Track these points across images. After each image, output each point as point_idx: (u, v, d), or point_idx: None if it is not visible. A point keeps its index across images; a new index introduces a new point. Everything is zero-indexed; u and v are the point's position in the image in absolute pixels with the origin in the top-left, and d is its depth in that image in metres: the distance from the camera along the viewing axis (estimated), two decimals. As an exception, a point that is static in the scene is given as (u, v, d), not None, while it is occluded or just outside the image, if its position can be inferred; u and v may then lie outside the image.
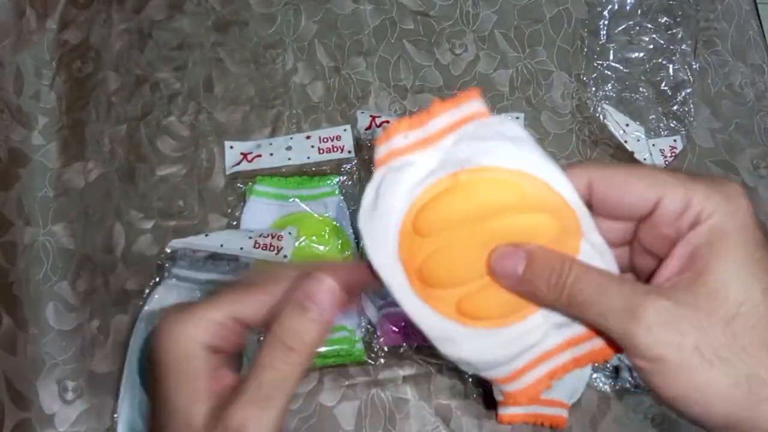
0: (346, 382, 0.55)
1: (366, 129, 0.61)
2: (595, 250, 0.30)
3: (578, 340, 0.32)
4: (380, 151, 0.30)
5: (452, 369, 0.55)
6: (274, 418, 0.28)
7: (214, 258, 0.55)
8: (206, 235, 0.55)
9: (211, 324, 0.29)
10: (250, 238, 0.54)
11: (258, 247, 0.54)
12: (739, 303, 0.26)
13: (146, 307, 0.53)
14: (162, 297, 0.53)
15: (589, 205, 0.30)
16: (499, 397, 0.33)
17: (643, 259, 0.31)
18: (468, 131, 0.30)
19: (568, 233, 0.30)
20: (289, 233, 0.55)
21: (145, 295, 0.54)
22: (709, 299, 0.26)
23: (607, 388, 0.55)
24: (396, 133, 0.30)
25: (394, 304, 0.49)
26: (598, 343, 0.32)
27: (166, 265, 0.54)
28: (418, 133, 0.30)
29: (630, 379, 0.54)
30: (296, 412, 0.54)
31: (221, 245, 0.54)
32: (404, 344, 0.53)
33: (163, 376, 0.28)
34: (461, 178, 0.30)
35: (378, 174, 0.30)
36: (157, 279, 0.55)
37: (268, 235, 0.55)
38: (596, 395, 0.55)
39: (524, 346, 0.32)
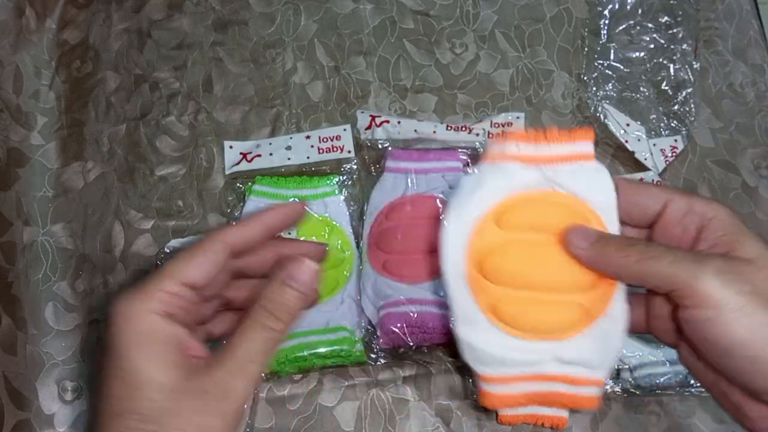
0: (346, 383, 0.55)
1: (366, 128, 0.61)
2: None
3: (574, 381, 0.36)
4: (493, 149, 0.37)
5: (452, 370, 0.55)
6: (246, 386, 0.31)
7: None
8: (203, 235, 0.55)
9: (163, 294, 0.31)
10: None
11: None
12: None
13: None
14: None
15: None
16: (476, 388, 0.38)
17: None
18: (569, 167, 0.36)
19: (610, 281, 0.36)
20: (288, 234, 0.55)
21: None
22: (751, 259, 0.31)
23: (607, 388, 0.55)
24: (513, 140, 0.36)
25: (394, 304, 0.51)
26: (588, 391, 0.36)
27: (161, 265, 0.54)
28: (530, 149, 0.36)
29: (630, 380, 0.54)
30: (296, 413, 0.54)
31: None
32: (403, 345, 0.52)
33: (127, 352, 0.30)
34: (552, 196, 0.36)
35: (485, 167, 0.37)
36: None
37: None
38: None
39: (526, 361, 0.36)
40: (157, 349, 0.31)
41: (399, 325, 0.51)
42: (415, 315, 0.50)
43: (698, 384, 0.53)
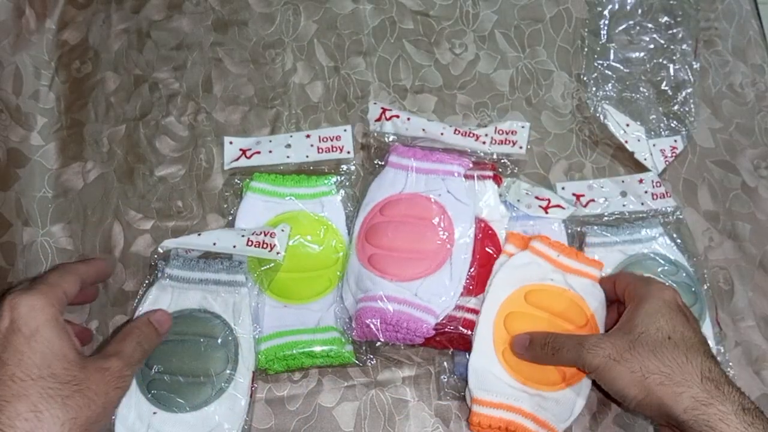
0: (346, 383, 0.55)
1: (375, 120, 0.61)
2: None
3: (542, 423, 0.50)
4: (539, 246, 0.54)
5: (452, 370, 0.55)
6: (129, 379, 0.44)
7: (208, 257, 0.55)
8: (199, 234, 0.55)
9: (57, 294, 0.43)
10: (243, 236, 0.54)
11: (251, 245, 0.54)
12: (639, 332, 0.46)
13: (141, 308, 0.52)
14: (156, 297, 0.53)
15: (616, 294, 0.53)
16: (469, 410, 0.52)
17: None
18: (583, 280, 0.54)
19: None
20: (282, 230, 0.55)
21: (139, 296, 0.54)
22: (627, 332, 0.46)
23: None
24: (555, 249, 0.54)
25: (372, 299, 0.52)
26: None
27: (160, 265, 0.54)
28: (564, 259, 0.54)
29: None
30: (296, 413, 0.54)
31: (214, 243, 0.54)
32: (375, 340, 0.52)
33: (41, 332, 0.40)
34: (565, 293, 0.54)
35: (529, 256, 0.54)
36: (150, 279, 0.55)
37: (261, 232, 0.55)
38: (597, 396, 0.55)
39: (515, 396, 0.51)
40: (62, 332, 0.41)
41: (374, 320, 0.50)
42: (392, 313, 0.50)
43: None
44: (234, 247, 0.54)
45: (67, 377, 0.39)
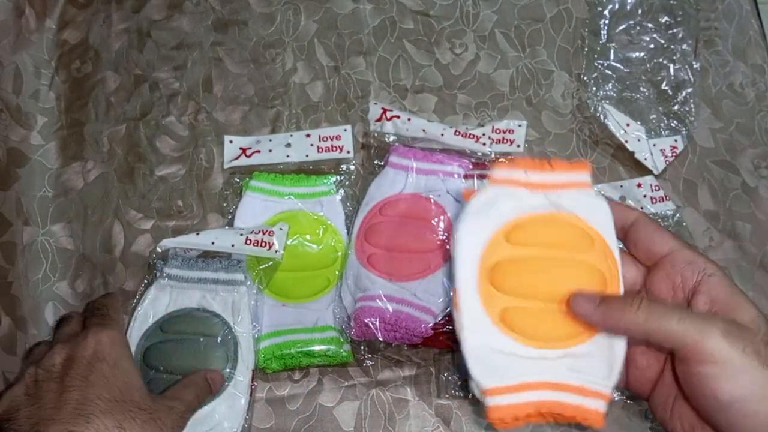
0: (346, 383, 0.55)
1: (376, 120, 0.61)
2: None
3: (581, 390, 0.37)
4: (500, 173, 0.41)
5: (452, 370, 0.55)
6: (185, 422, 0.46)
7: (206, 256, 0.55)
8: (197, 234, 0.55)
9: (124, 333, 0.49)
10: (242, 234, 0.54)
11: (249, 244, 0.54)
12: (764, 332, 0.34)
13: (140, 308, 0.52)
14: (155, 297, 0.53)
15: (625, 240, 0.41)
16: (483, 407, 0.39)
17: None
18: (571, 193, 0.41)
19: (612, 287, 0.39)
20: (281, 229, 0.55)
21: (137, 296, 0.54)
22: (750, 325, 0.35)
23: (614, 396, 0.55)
24: (520, 167, 0.41)
25: (371, 298, 0.51)
26: (594, 404, 0.37)
27: (158, 264, 0.54)
28: (537, 176, 0.41)
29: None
30: (296, 413, 0.54)
31: (212, 243, 0.54)
32: (373, 340, 0.52)
33: (121, 363, 0.44)
34: (557, 217, 0.40)
35: (493, 189, 0.41)
36: (149, 279, 0.55)
37: (259, 231, 0.55)
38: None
39: (535, 368, 0.38)
40: (135, 367, 0.45)
41: (373, 319, 0.51)
42: (391, 312, 0.50)
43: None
44: (232, 246, 0.54)
45: (144, 405, 0.42)
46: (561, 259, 0.40)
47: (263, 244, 0.54)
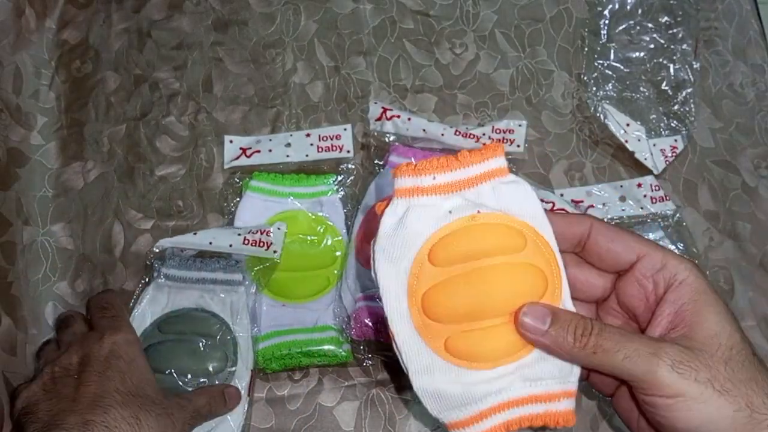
0: (346, 383, 0.55)
1: (376, 119, 0.61)
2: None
3: (546, 397, 0.36)
4: (405, 182, 0.35)
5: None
6: (198, 420, 0.47)
7: (204, 256, 0.55)
8: (195, 234, 0.55)
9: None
10: (239, 234, 0.54)
11: (247, 244, 0.54)
12: (730, 347, 0.32)
13: (137, 308, 0.53)
14: (153, 297, 0.53)
15: (585, 253, 0.38)
16: None
17: (611, 319, 0.39)
18: (488, 185, 0.36)
19: (554, 291, 0.36)
20: (278, 228, 0.55)
21: (135, 296, 0.54)
22: (707, 345, 0.32)
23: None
24: (426, 172, 0.35)
25: (371, 298, 0.51)
26: (562, 406, 0.35)
27: (155, 264, 0.54)
28: (446, 176, 0.35)
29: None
30: (296, 413, 0.54)
31: (210, 243, 0.54)
32: (373, 340, 0.52)
33: (136, 360, 0.46)
34: (477, 219, 0.35)
35: (402, 203, 0.35)
36: (147, 279, 0.55)
37: (257, 231, 0.55)
38: (597, 398, 0.55)
39: (494, 390, 0.35)
40: (149, 366, 0.47)
41: (373, 320, 0.50)
42: None
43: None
44: (230, 246, 0.54)
45: (157, 400, 0.44)
46: (494, 268, 0.36)
47: (261, 244, 0.54)
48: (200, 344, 0.51)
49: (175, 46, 0.66)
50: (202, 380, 0.50)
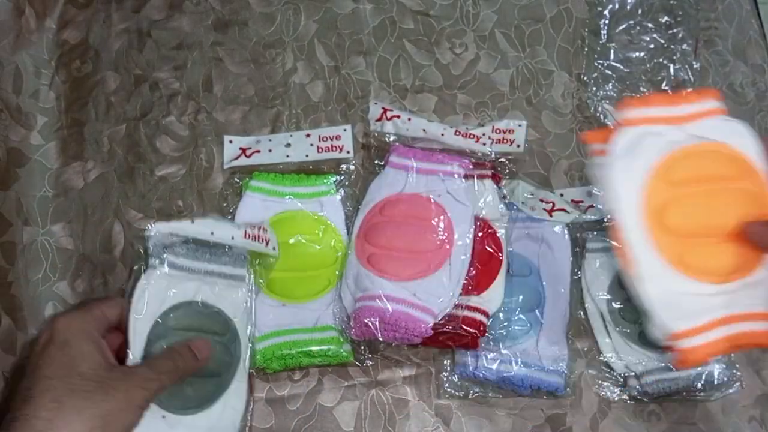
0: (346, 383, 0.55)
1: (376, 120, 0.61)
2: None
3: (761, 316, 0.39)
4: (633, 113, 0.41)
5: (452, 370, 0.55)
6: (157, 387, 0.44)
7: (212, 247, 0.52)
8: (192, 222, 0.50)
9: (95, 314, 0.46)
10: (239, 228, 0.52)
11: (248, 238, 0.52)
12: None
13: (136, 297, 0.48)
14: (155, 286, 0.49)
15: None
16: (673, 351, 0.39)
17: None
18: (709, 122, 0.41)
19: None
20: (265, 230, 0.54)
21: (129, 280, 0.52)
22: None
23: (615, 396, 0.55)
24: (654, 104, 0.41)
25: (371, 298, 0.51)
26: None
27: (155, 250, 0.49)
28: (670, 110, 0.41)
29: (638, 387, 0.54)
30: (296, 413, 0.54)
31: (212, 233, 0.51)
32: (373, 340, 0.52)
33: (72, 341, 0.44)
34: (705, 148, 0.41)
35: (633, 129, 0.41)
36: (143, 266, 0.50)
37: (255, 226, 0.53)
38: (597, 398, 0.55)
39: (722, 303, 0.39)
40: (92, 343, 0.44)
41: (373, 319, 0.51)
42: (390, 312, 0.50)
43: (704, 389, 0.53)
44: (232, 238, 0.52)
45: (92, 375, 0.42)
46: (720, 190, 0.41)
47: (261, 239, 0.53)
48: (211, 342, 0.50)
49: (175, 46, 0.67)
50: (206, 377, 0.49)
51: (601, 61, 0.65)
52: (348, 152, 0.61)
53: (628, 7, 0.67)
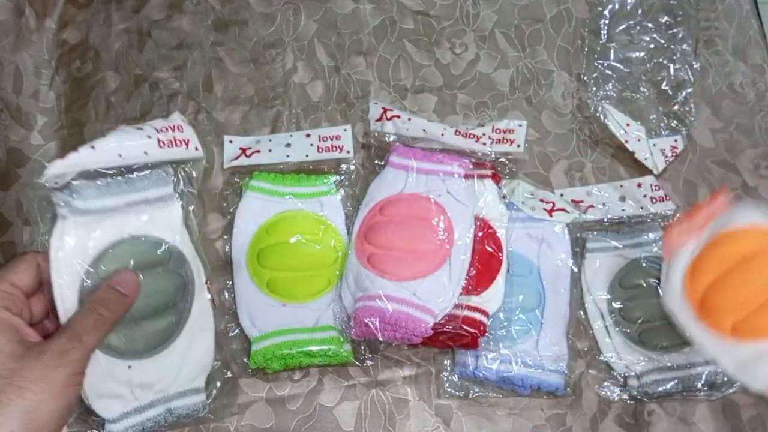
0: (346, 383, 0.55)
1: (376, 120, 0.61)
2: None
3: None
4: (672, 242, 0.49)
5: (452, 370, 0.55)
6: (81, 352, 0.39)
7: (125, 173, 0.45)
8: (92, 147, 0.42)
9: (4, 297, 0.40)
10: (149, 137, 0.44)
11: (164, 146, 0.45)
12: None
13: (52, 259, 0.43)
14: (70, 240, 0.43)
15: None
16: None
17: None
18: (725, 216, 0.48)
19: None
20: (180, 127, 0.47)
21: (39, 239, 0.50)
22: None
23: (615, 396, 0.55)
24: (688, 234, 0.48)
25: (371, 297, 0.51)
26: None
27: (60, 200, 0.43)
28: (692, 226, 0.48)
29: (637, 387, 0.54)
30: (296, 413, 0.54)
31: (120, 155, 0.43)
32: (374, 340, 0.52)
33: None
34: (722, 236, 0.47)
35: (671, 258, 0.49)
36: (50, 221, 0.45)
37: (167, 128, 0.46)
38: (597, 398, 0.55)
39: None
40: (5, 331, 0.39)
41: (373, 319, 0.51)
42: (391, 312, 0.51)
43: (704, 389, 0.53)
44: (145, 153, 0.44)
45: (1, 370, 0.37)
46: (755, 266, 0.46)
47: (179, 143, 0.45)
48: (152, 274, 0.44)
49: (175, 46, 0.67)
50: (164, 312, 0.45)
51: (601, 61, 0.65)
52: (348, 152, 0.61)
53: (628, 7, 0.67)
